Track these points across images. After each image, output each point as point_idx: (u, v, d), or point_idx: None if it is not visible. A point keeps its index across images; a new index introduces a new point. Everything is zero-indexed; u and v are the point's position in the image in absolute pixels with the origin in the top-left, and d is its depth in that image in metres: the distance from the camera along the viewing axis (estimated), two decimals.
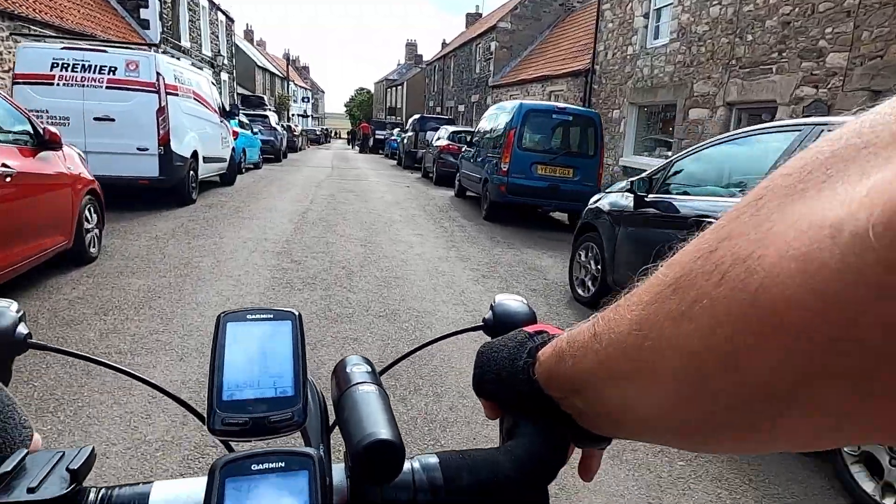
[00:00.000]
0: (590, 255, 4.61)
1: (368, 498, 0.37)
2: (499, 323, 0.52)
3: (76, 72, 6.86)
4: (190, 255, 5.17)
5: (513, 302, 0.54)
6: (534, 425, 0.40)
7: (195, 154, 8.19)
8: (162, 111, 7.16)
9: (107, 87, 6.94)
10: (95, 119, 6.91)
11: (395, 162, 23.30)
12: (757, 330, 0.20)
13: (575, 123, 8.30)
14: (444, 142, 13.95)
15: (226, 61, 27.18)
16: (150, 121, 7.11)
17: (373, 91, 72.35)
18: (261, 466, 0.33)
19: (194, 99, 8.46)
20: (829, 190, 0.20)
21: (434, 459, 0.40)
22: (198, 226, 6.57)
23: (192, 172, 8.05)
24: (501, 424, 0.45)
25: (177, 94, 7.66)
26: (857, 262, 0.17)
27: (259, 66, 39.43)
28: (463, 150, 11.53)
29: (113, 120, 6.96)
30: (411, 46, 60.00)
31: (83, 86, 6.87)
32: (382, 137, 32.29)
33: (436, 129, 18.76)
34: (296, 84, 57.44)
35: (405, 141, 20.02)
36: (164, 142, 7.22)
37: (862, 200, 0.18)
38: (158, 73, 7.13)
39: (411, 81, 47.05)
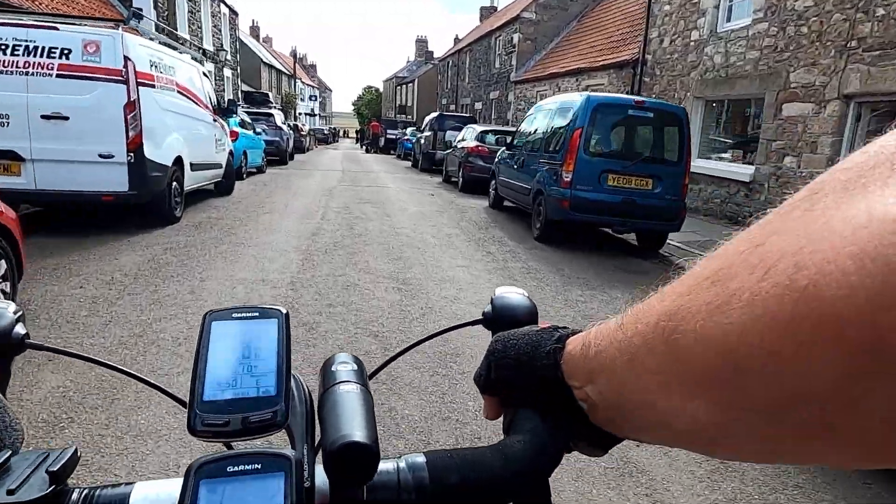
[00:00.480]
0: None
1: (351, 498, 0.36)
2: (499, 317, 0.50)
3: (17, 55, 5.23)
4: (150, 315, 3.53)
5: (514, 295, 0.52)
6: (536, 420, 0.39)
7: (179, 161, 6.56)
8: (132, 107, 5.53)
9: (58, 76, 5.32)
10: (43, 117, 5.29)
11: (409, 164, 21.65)
12: (803, 330, 0.18)
13: (655, 122, 6.58)
14: (470, 143, 12.27)
15: (229, 56, 25.61)
16: (115, 119, 5.48)
17: (381, 89, 70.73)
18: (237, 468, 0.33)
19: (179, 93, 6.82)
20: (894, 185, 0.18)
21: (421, 459, 0.39)
22: (174, 258, 4.93)
23: (174, 184, 6.43)
24: (504, 422, 0.43)
25: (153, 86, 6.03)
26: None
27: (265, 63, 37.85)
28: (499, 153, 9.84)
29: (66, 118, 5.34)
30: (421, 43, 58.31)
31: (27, 73, 5.25)
32: (394, 137, 30.70)
33: (457, 129, 17.12)
34: (303, 82, 55.90)
35: (422, 141, 18.35)
36: (135, 146, 5.59)
37: None
38: (127, 58, 5.50)
39: (422, 79, 45.37)
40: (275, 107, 17.98)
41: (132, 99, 5.53)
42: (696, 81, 9.94)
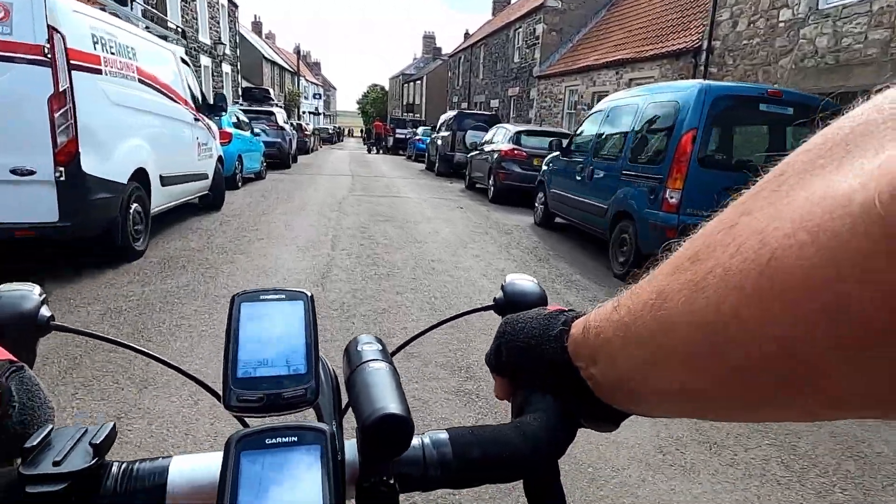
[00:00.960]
0: None
1: (380, 473, 0.37)
2: (510, 303, 0.52)
3: None
4: None
5: (524, 282, 0.53)
6: (548, 400, 0.40)
7: (141, 174, 4.82)
8: (60, 100, 3.79)
9: None
10: None
11: (422, 166, 19.91)
12: (767, 298, 0.21)
13: (794, 119, 4.79)
14: (503, 145, 10.49)
15: (228, 51, 23.90)
16: (35, 118, 3.75)
17: (387, 87, 68.96)
18: (275, 441, 0.33)
19: (142, 82, 5.08)
20: (847, 165, 0.20)
21: (444, 435, 0.40)
22: (115, 329, 3.17)
23: (134, 206, 4.69)
24: (513, 402, 0.44)
25: (99, 72, 4.29)
26: (865, 231, 0.18)
27: (266, 59, 36.10)
28: (547, 160, 8.08)
29: None
30: (429, 39, 56.52)
31: None
32: (404, 137, 28.98)
33: (479, 129, 15.36)
34: (307, 79, 54.18)
35: (438, 143, 16.59)
36: (68, 157, 3.85)
37: (872, 172, 0.19)
38: (53, 30, 3.76)
39: (431, 76, 43.61)
40: (276, 105, 16.25)
41: (62, 89, 3.79)
42: (788, 71, 8.14)
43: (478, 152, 12.23)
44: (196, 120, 6.54)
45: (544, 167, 8.06)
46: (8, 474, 0.33)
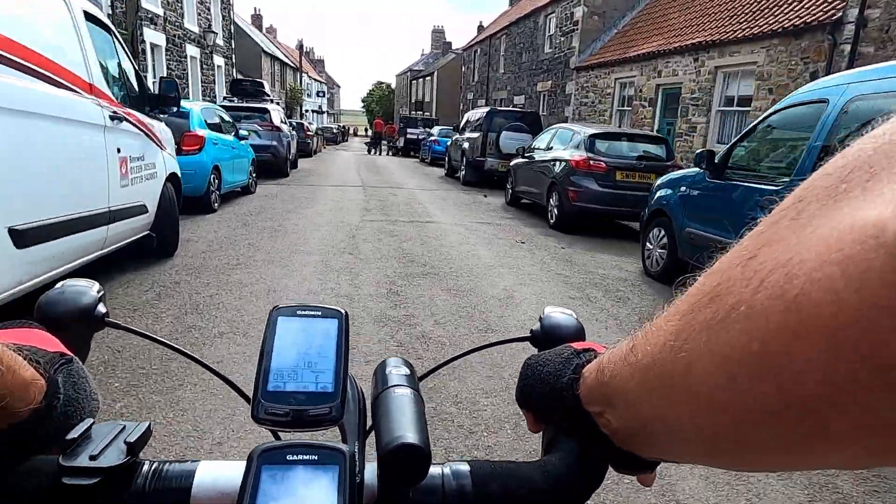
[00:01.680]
0: None
1: (397, 499, 0.37)
2: (546, 336, 0.51)
3: None
4: None
5: (561, 315, 0.53)
6: (573, 442, 0.40)
7: None
8: None
9: None
10: None
11: (441, 171, 17.28)
12: (796, 337, 0.19)
13: None
14: (573, 153, 7.78)
15: (220, 41, 21.28)
16: None
17: (393, 84, 66.26)
18: (295, 457, 0.34)
19: None
20: (874, 189, 0.19)
21: (465, 467, 0.40)
22: None
23: None
24: (543, 437, 0.45)
25: None
26: None
27: (266, 53, 33.37)
28: (668, 180, 5.42)
29: None
30: (438, 34, 53.78)
31: None
32: (415, 137, 26.36)
33: (516, 130, 12.69)
34: (309, 76, 51.54)
35: (463, 145, 13.92)
36: None
37: None
38: None
39: (442, 71, 40.89)
40: (271, 100, 13.58)
41: None
42: None
43: (525, 161, 9.54)
44: (117, 120, 3.88)
45: (662, 190, 5.37)
46: (49, 463, 0.35)
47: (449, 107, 37.55)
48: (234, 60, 23.52)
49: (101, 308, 0.47)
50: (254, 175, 9.98)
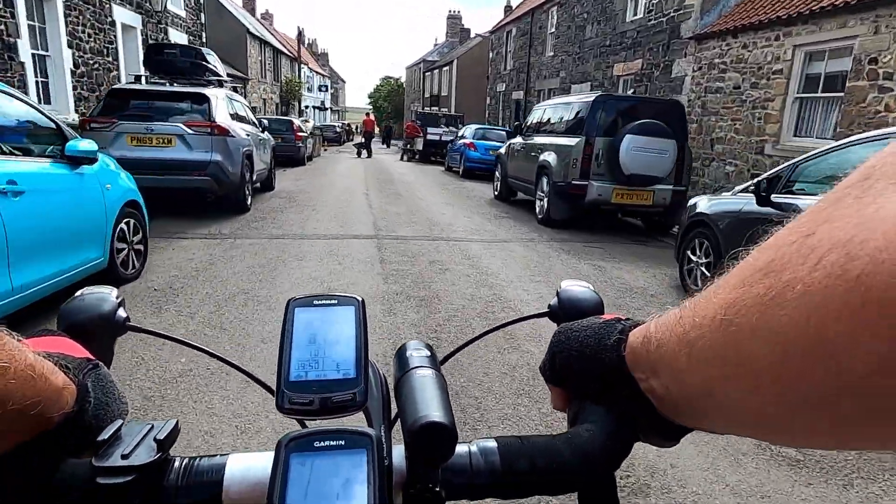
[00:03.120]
0: None
1: (427, 479, 0.37)
2: (564, 310, 0.51)
3: None
4: None
5: (579, 288, 0.52)
6: (601, 412, 0.40)
7: None
8: None
9: None
10: None
11: (485, 189, 11.84)
12: (858, 318, 0.19)
13: None
14: None
15: (181, 11, 15.82)
16: None
17: (403, 78, 60.59)
18: (323, 444, 0.34)
19: None
20: None
21: (493, 444, 0.40)
22: None
23: None
24: (569, 413, 0.44)
25: None
26: None
27: (253, 35, 27.70)
28: None
29: None
30: (454, 20, 48.07)
31: None
32: (437, 139, 20.91)
33: (650, 132, 7.24)
34: (310, 68, 45.95)
35: (549, 160, 8.42)
36: None
37: None
38: None
39: (462, 60, 35.27)
40: (220, 83, 8.09)
41: None
42: None
43: (755, 201, 4.05)
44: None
45: None
46: (83, 465, 0.35)
47: (471, 101, 31.95)
48: (204, 40, 18.02)
49: (122, 313, 0.47)
50: (139, 243, 4.51)
